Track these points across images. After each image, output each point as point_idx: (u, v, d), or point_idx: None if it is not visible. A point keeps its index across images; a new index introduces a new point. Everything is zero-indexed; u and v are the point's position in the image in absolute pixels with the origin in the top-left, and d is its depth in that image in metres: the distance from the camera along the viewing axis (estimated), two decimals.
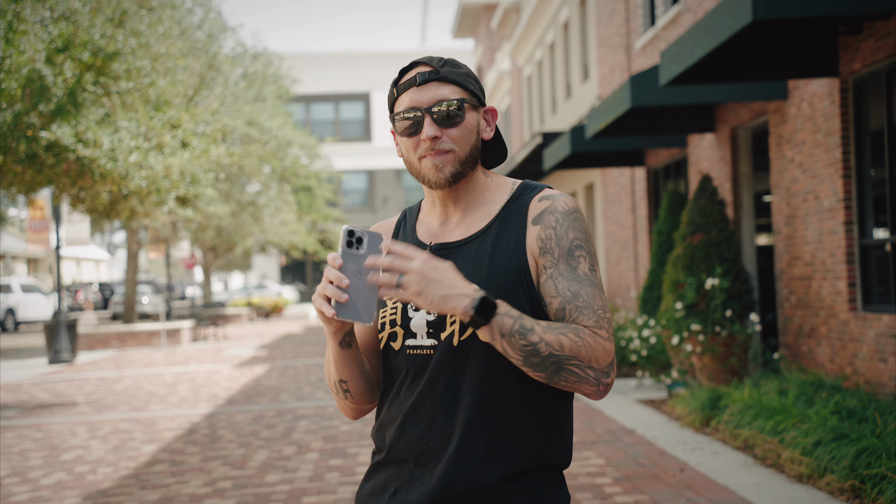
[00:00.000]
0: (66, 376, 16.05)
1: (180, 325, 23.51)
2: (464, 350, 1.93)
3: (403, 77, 2.02)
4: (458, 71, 2.01)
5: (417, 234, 2.08)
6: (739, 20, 7.09)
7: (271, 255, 44.35)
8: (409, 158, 2.01)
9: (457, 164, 1.98)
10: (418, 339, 1.98)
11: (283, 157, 28.96)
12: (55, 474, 7.74)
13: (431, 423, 1.95)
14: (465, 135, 1.99)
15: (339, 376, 2.04)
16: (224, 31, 25.25)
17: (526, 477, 1.93)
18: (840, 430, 6.32)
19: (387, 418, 2.02)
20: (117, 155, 15.38)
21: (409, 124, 1.98)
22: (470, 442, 1.92)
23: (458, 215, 2.05)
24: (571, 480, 6.61)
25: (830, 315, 9.15)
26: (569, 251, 1.94)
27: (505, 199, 2.04)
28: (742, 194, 11.70)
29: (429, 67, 2.00)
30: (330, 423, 9.65)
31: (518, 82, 29.69)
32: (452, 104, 1.97)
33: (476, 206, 2.05)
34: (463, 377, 1.93)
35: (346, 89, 49.88)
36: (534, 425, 1.95)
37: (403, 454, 1.98)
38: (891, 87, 8.28)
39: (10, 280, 35.31)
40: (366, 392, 2.07)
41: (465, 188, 2.04)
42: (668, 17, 13.43)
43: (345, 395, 2.06)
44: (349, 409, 2.10)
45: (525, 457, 1.93)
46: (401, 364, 2.00)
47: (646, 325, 11.57)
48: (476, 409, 1.92)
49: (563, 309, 1.90)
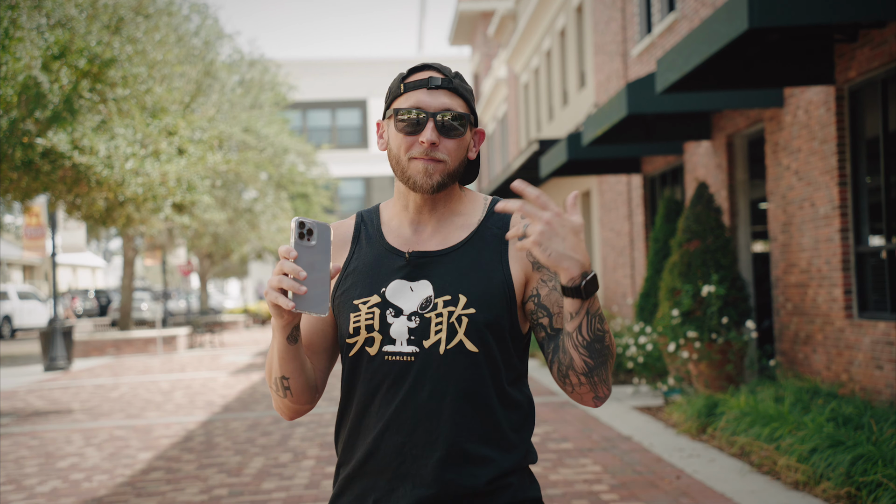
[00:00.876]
0: (62, 383, 16.02)
1: (176, 332, 23.49)
2: (449, 358, 1.94)
3: (413, 75, 2.03)
4: (466, 87, 2.04)
5: (387, 240, 2.06)
6: (735, 28, 7.11)
7: (268, 262, 44.31)
8: (398, 155, 2.01)
9: (445, 175, 2.00)
10: (397, 346, 1.97)
11: (279, 163, 28.95)
12: (50, 482, 7.72)
13: (413, 430, 1.94)
14: (458, 149, 2.01)
15: (282, 372, 2.00)
16: (221, 38, 25.26)
17: (509, 477, 1.98)
18: (836, 438, 6.32)
19: (360, 427, 2.00)
20: (113, 162, 15.38)
21: (410, 123, 1.99)
22: (457, 448, 1.93)
23: (432, 224, 2.05)
24: (568, 488, 6.60)
25: (826, 322, 9.15)
26: None
27: (480, 213, 2.07)
28: (738, 201, 11.71)
29: (442, 75, 2.02)
30: (326, 431, 9.63)
31: (515, 89, 29.72)
32: (458, 117, 1.99)
33: (450, 217, 2.06)
34: (448, 385, 1.94)
35: (342, 96, 49.89)
36: (513, 429, 1.99)
37: (382, 464, 1.96)
38: (886, 94, 8.30)
39: (7, 287, 35.24)
40: (306, 391, 2.03)
41: (443, 199, 2.05)
42: (665, 25, 13.45)
43: (284, 393, 2.02)
44: (287, 408, 2.06)
45: (508, 459, 1.97)
46: (376, 370, 1.98)
47: (642, 332, 11.57)
48: (461, 415, 1.94)
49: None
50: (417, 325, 1.96)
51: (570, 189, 21.63)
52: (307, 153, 32.38)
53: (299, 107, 47.29)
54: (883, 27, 7.94)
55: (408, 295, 1.99)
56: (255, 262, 44.79)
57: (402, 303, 1.98)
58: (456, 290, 1.96)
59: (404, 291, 1.99)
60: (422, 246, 2.03)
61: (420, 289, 1.99)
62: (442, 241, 2.03)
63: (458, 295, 1.96)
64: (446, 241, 2.03)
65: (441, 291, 1.97)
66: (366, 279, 2.03)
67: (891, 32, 7.88)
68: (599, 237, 18.66)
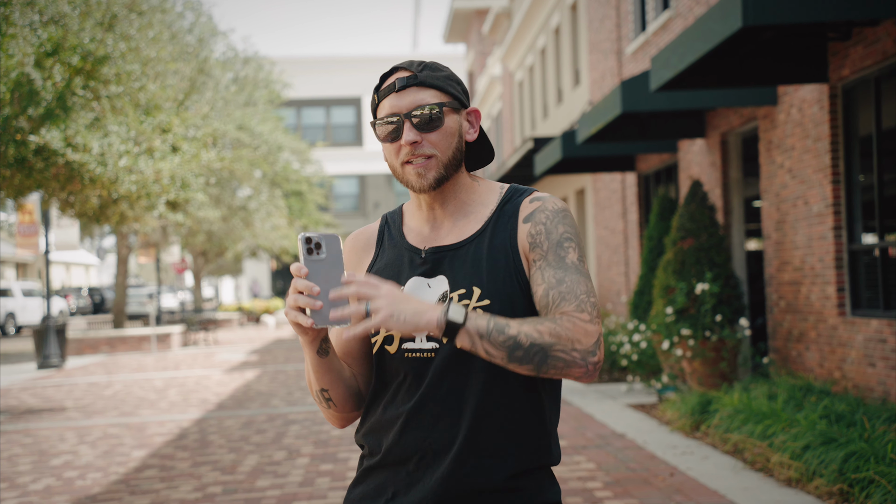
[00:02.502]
0: (56, 381, 16.00)
1: (170, 329, 23.46)
2: (469, 353, 1.93)
3: (384, 83, 2.02)
4: (437, 75, 2.01)
5: (408, 240, 2.08)
6: (730, 26, 7.12)
7: (262, 260, 44.26)
8: (393, 164, 2.02)
9: (440, 169, 1.99)
10: (417, 343, 1.98)
11: (273, 161, 28.92)
12: (44, 480, 7.71)
13: (434, 425, 1.95)
14: (445, 138, 1.99)
15: (320, 385, 2.03)
16: (215, 35, 25.22)
17: (529, 475, 1.97)
18: (829, 435, 6.34)
19: (382, 421, 2.01)
20: (107, 159, 15.35)
21: (389, 130, 1.99)
22: (476, 443, 1.93)
23: (448, 218, 2.05)
24: (562, 485, 6.61)
25: (819, 320, 9.17)
26: (558, 243, 1.95)
27: (496, 201, 2.06)
28: (732, 199, 11.73)
29: (407, 73, 2.00)
30: (321, 428, 9.63)
31: (509, 87, 29.73)
32: (432, 108, 1.97)
33: (466, 208, 2.06)
34: (467, 380, 1.94)
35: (337, 94, 49.86)
36: (533, 425, 1.98)
37: (402, 457, 1.98)
38: (879, 92, 8.31)
39: (11, 284, 35.22)
40: (349, 400, 2.07)
41: (450, 191, 2.05)
42: (659, 23, 13.46)
43: (328, 405, 2.06)
44: (335, 417, 2.10)
45: (528, 456, 1.96)
46: (398, 367, 1.99)
47: (636, 330, 11.59)
48: (481, 410, 1.94)
49: (547, 295, 1.91)
50: None
51: (565, 187, 21.64)
52: (301, 151, 32.35)
53: (293, 104, 47.25)
54: (876, 25, 7.96)
55: (426, 291, 2.00)
56: (250, 259, 44.76)
57: (420, 299, 1.99)
58: (470, 282, 1.96)
59: (422, 288, 2.00)
60: (439, 241, 2.04)
61: (437, 284, 1.99)
62: (459, 235, 2.03)
63: (473, 287, 1.95)
64: (462, 234, 2.03)
65: (456, 285, 1.97)
66: (388, 279, 2.04)
67: (884, 31, 7.89)
68: (594, 235, 18.68)
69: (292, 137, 32.15)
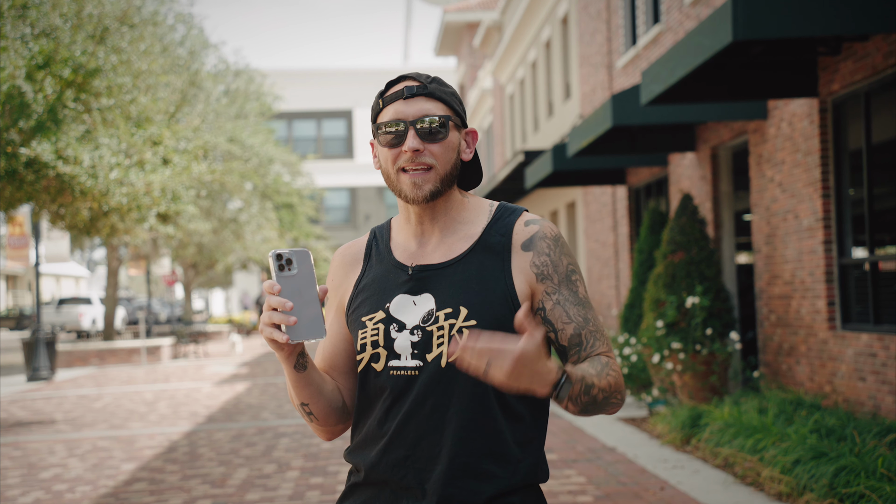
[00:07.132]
0: (45, 394, 15.93)
1: (160, 342, 23.39)
2: (452, 371, 1.93)
3: (391, 89, 2.02)
4: (444, 89, 2.02)
5: (395, 256, 2.07)
6: (720, 40, 7.15)
7: (252, 272, 44.20)
8: (388, 170, 2.01)
9: (437, 182, 1.99)
10: (402, 360, 1.97)
11: (264, 174, 28.92)
12: (33, 493, 7.67)
13: (417, 443, 1.94)
14: (446, 152, 1.99)
15: (300, 399, 2.04)
16: (206, 47, 25.23)
17: (514, 495, 1.95)
18: (819, 449, 6.34)
19: (367, 439, 2.01)
20: (98, 172, 15.33)
21: (392, 135, 1.98)
22: (459, 462, 1.92)
23: (436, 235, 2.04)
24: (552, 499, 6.60)
25: (810, 334, 9.19)
26: (566, 276, 1.99)
27: (485, 221, 2.05)
28: (722, 213, 11.76)
29: (417, 82, 2.01)
30: (311, 442, 9.61)
31: (500, 100, 29.79)
32: (437, 120, 1.98)
33: (454, 226, 2.05)
34: (451, 398, 1.94)
35: (328, 106, 49.89)
36: (518, 444, 1.96)
37: (385, 475, 1.97)
38: (869, 107, 8.35)
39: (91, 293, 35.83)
40: (331, 414, 2.07)
41: (442, 206, 2.04)
42: (650, 37, 13.52)
43: (310, 419, 2.07)
44: (319, 430, 2.11)
45: (513, 475, 1.95)
46: (383, 384, 1.98)
47: (627, 343, 11.59)
48: (465, 429, 1.93)
49: (579, 335, 1.98)
50: (420, 339, 1.96)
51: (555, 200, 21.68)
52: (292, 163, 32.35)
53: (284, 117, 47.27)
54: (866, 40, 8.00)
55: (411, 309, 1.99)
56: (240, 272, 44.68)
57: (405, 317, 1.98)
58: (457, 302, 1.95)
59: (407, 306, 1.99)
60: (426, 259, 2.03)
61: (423, 302, 1.98)
62: (445, 253, 2.02)
63: (459, 307, 1.95)
64: (450, 252, 2.02)
65: (443, 304, 1.96)
66: (373, 296, 2.03)
67: (873, 46, 7.94)
68: (585, 248, 18.70)
69: (283, 150, 32.14)
